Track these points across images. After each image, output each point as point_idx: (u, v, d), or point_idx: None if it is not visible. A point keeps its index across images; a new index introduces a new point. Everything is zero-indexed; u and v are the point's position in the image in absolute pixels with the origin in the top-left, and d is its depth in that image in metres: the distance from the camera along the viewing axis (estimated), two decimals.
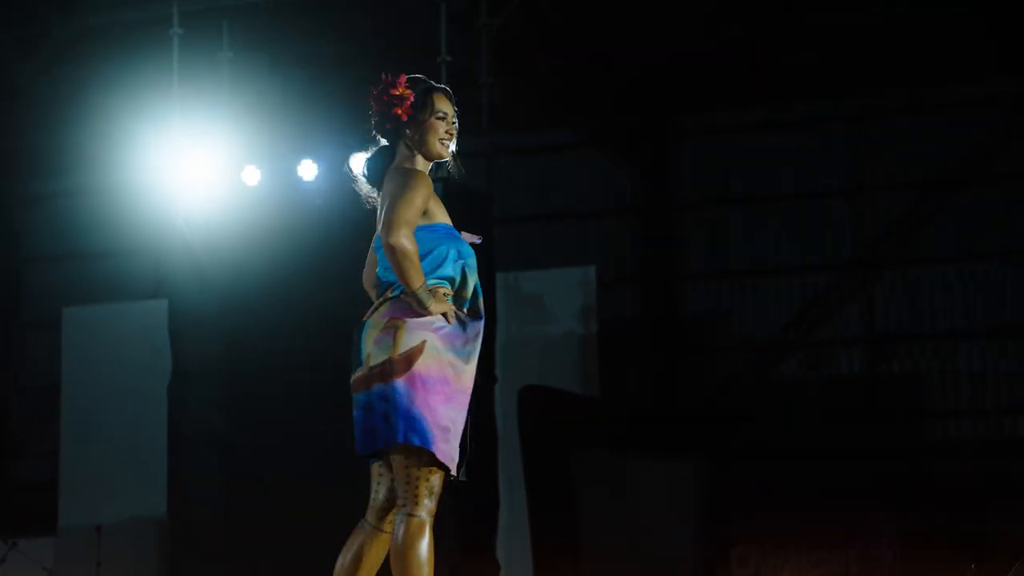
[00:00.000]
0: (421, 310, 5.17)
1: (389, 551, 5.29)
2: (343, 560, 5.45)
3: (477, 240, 5.51)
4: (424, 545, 5.21)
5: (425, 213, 5.30)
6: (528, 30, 15.36)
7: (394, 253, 5.13)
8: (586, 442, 13.86)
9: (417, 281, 5.16)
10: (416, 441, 5.15)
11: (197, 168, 12.69)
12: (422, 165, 5.45)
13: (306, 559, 11.03)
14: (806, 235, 17.07)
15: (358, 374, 5.28)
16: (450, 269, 5.31)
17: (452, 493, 11.82)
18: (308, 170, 12.16)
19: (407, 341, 5.18)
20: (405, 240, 5.14)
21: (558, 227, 17.65)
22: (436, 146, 5.45)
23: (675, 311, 17.42)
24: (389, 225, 5.15)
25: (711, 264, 17.50)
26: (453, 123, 5.50)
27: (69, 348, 16.32)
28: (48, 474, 16.70)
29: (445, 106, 5.49)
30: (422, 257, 5.24)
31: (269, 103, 12.68)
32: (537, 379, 14.42)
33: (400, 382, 5.15)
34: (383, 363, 5.18)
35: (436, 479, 5.25)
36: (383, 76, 5.44)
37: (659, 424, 15.84)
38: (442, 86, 5.62)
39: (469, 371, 5.34)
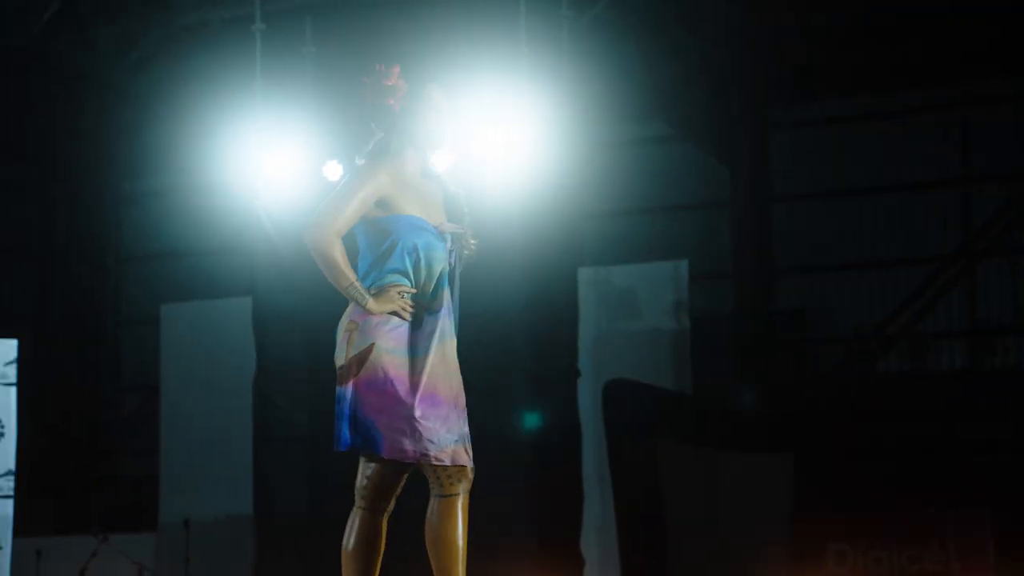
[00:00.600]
0: (362, 308, 5.19)
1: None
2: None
3: (458, 231, 5.44)
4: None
5: (385, 204, 5.27)
6: (618, 21, 15.25)
7: (312, 253, 5.20)
8: (675, 436, 13.68)
9: (343, 280, 5.20)
10: (368, 449, 5.26)
11: (280, 164, 12.67)
12: (410, 156, 5.40)
13: (389, 555, 10.96)
14: (906, 227, 16.78)
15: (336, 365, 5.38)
16: (399, 261, 5.27)
17: (535, 489, 11.83)
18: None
19: (357, 345, 5.25)
20: (319, 241, 5.18)
21: (650, 221, 17.49)
22: (429, 135, 5.41)
23: (772, 305, 17.18)
24: (310, 222, 5.22)
25: (809, 258, 17.24)
26: (447, 113, 5.46)
27: (166, 345, 16.49)
28: (152, 470, 16.87)
29: (439, 97, 5.46)
30: (374, 249, 5.29)
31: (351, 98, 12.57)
32: (628, 374, 14.27)
33: (348, 388, 5.25)
34: (340, 367, 5.28)
35: (372, 468, 5.33)
36: (377, 66, 5.40)
37: (753, 420, 15.61)
38: (436, 76, 5.58)
39: (432, 363, 5.29)
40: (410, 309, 5.22)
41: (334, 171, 12.25)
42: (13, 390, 12.24)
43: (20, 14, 14.47)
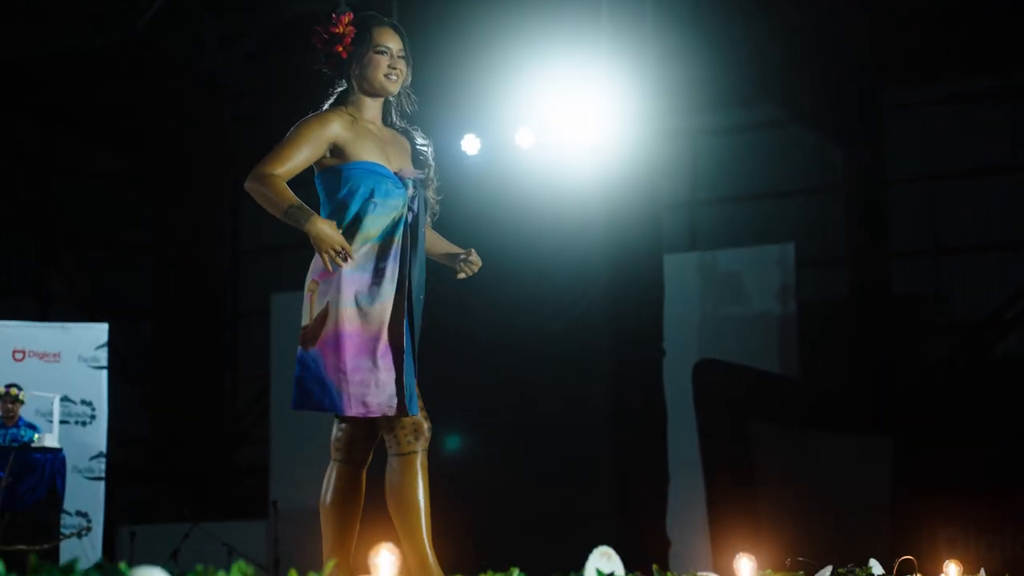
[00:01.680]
0: (303, 230, 5.08)
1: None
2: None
3: (419, 175, 5.40)
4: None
5: (339, 152, 5.26)
6: (723, 3, 15.13)
7: (259, 182, 5.16)
8: (768, 416, 13.48)
9: (283, 204, 5.11)
10: (327, 407, 5.20)
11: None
12: (368, 106, 5.39)
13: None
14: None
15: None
16: (355, 206, 5.23)
17: (621, 470, 11.75)
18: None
19: (316, 306, 5.22)
20: (250, 182, 5.18)
21: (760, 207, 17.30)
22: (378, 80, 5.38)
23: (885, 290, 16.88)
24: (265, 158, 5.21)
25: (924, 241, 16.90)
26: (399, 57, 5.40)
27: (277, 334, 16.63)
28: (266, 459, 17.07)
29: (388, 40, 5.39)
30: (332, 198, 5.26)
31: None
32: (734, 358, 14.12)
33: (312, 350, 5.21)
34: (303, 328, 5.26)
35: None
36: (332, 15, 5.39)
37: (855, 402, 15.35)
38: (388, 20, 5.53)
39: (378, 311, 5.24)
40: (338, 261, 5.11)
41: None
42: (104, 373, 12.43)
43: (125, 11, 14.71)
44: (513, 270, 11.53)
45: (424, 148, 5.51)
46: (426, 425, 5.28)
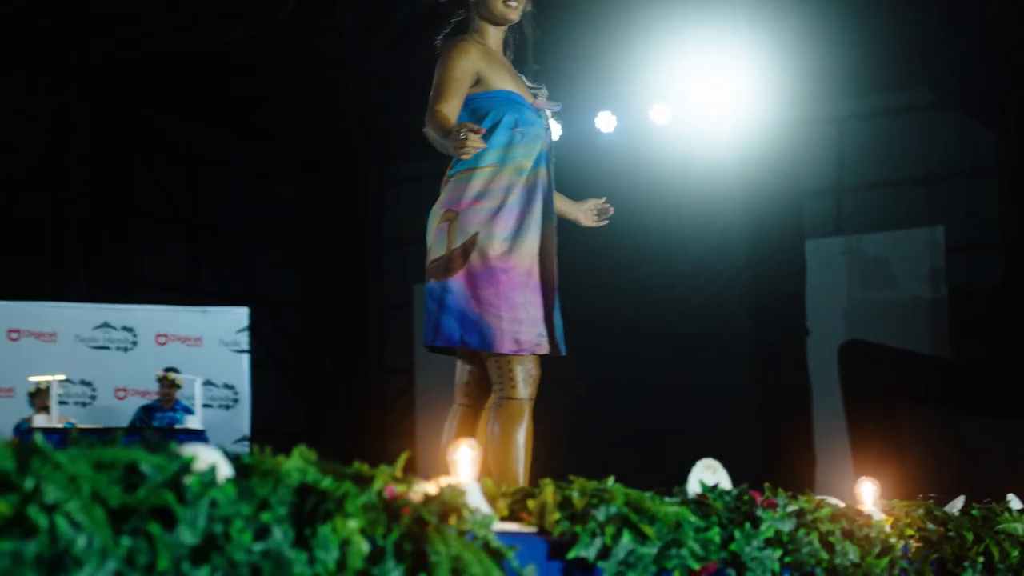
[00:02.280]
0: (452, 152, 4.81)
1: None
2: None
3: (556, 107, 5.27)
4: (522, 431, 5.02)
5: (478, 81, 5.11)
6: None
7: (428, 121, 4.97)
8: (917, 398, 13.18)
9: (445, 130, 4.83)
10: (474, 344, 4.99)
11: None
12: (491, 34, 5.26)
13: None
14: None
15: (426, 264, 5.17)
16: (501, 137, 5.04)
17: (764, 449, 11.56)
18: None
19: (461, 234, 5.00)
20: (426, 127, 4.98)
21: (910, 192, 16.89)
22: (499, 8, 5.26)
23: None
24: (431, 98, 5.04)
25: None
26: None
27: (419, 327, 16.63)
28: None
29: None
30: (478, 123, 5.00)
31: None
32: (883, 341, 13.86)
33: (454, 281, 4.98)
34: (439, 259, 5.03)
35: (529, 363, 5.04)
36: None
37: (1008, 385, 14.92)
38: None
39: (529, 245, 5.06)
40: (472, 143, 4.70)
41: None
42: (246, 357, 12.54)
43: (267, 3, 14.82)
44: (650, 247, 11.43)
45: (534, 90, 5.39)
46: (537, 373, 5.13)
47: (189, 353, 12.30)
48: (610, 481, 3.11)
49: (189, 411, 11.26)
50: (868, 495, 3.81)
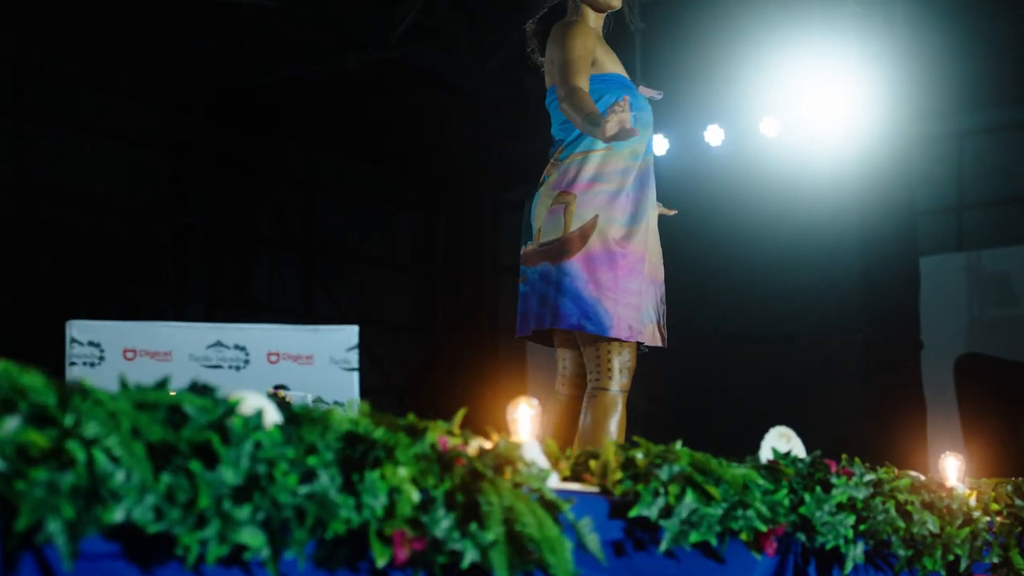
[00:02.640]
0: (599, 135, 4.67)
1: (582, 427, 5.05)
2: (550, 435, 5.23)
3: (657, 96, 5.23)
4: (615, 422, 4.95)
5: (594, 63, 5.06)
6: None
7: (568, 98, 4.86)
8: None
9: (585, 110, 4.76)
10: (590, 328, 4.91)
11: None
12: (592, 19, 5.23)
13: None
14: None
15: (528, 248, 5.11)
16: None
17: (878, 462, 11.38)
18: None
19: (579, 216, 4.95)
20: (574, 84, 4.90)
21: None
22: (575, 7, 5.26)
23: None
24: (562, 75, 4.97)
25: None
26: None
27: (533, 351, 16.64)
28: None
29: None
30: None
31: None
32: (1005, 356, 13.63)
33: (571, 263, 4.92)
34: (554, 242, 4.95)
35: (627, 353, 4.98)
36: None
37: None
38: None
39: (642, 232, 5.03)
40: (628, 124, 4.60)
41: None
42: (355, 375, 12.56)
43: (379, 28, 14.93)
44: (761, 260, 11.34)
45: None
46: (633, 364, 5.06)
47: (300, 371, 12.35)
48: (678, 444, 3.05)
49: None
50: (952, 470, 3.71)
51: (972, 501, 3.55)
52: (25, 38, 15.12)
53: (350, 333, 12.50)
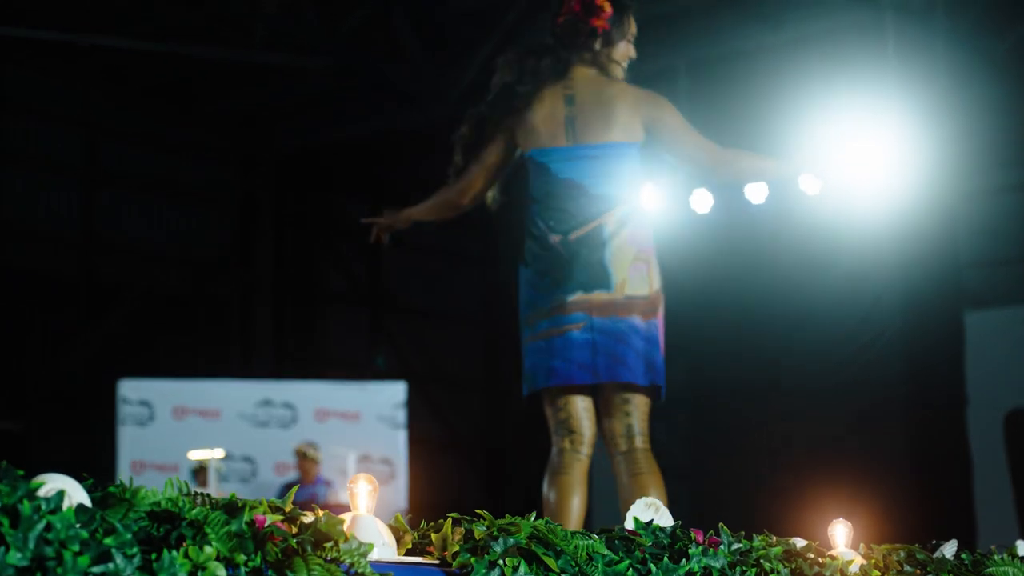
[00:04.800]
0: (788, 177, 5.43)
1: (634, 484, 5.15)
2: (574, 498, 5.30)
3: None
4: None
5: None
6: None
7: (737, 159, 5.32)
8: None
9: (772, 168, 5.45)
10: (663, 390, 5.23)
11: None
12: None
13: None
14: None
15: (606, 296, 5.17)
16: None
17: (922, 522, 11.28)
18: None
19: (657, 279, 5.22)
20: (743, 160, 5.45)
21: None
22: (621, 69, 5.36)
23: None
24: (706, 141, 5.27)
25: None
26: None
27: None
28: None
29: (635, 29, 5.41)
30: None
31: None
32: None
33: (656, 323, 5.17)
34: (644, 298, 5.11)
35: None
36: None
37: None
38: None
39: None
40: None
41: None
42: (402, 432, 12.69)
43: (440, 87, 15.05)
44: (799, 315, 11.32)
45: None
46: None
47: (347, 428, 12.52)
48: (532, 516, 3.10)
49: (330, 485, 11.45)
50: (841, 536, 3.72)
51: (854, 568, 3.55)
52: (94, 96, 15.45)
53: (397, 390, 12.66)
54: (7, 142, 14.88)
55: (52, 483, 2.57)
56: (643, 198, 5.15)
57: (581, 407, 5.30)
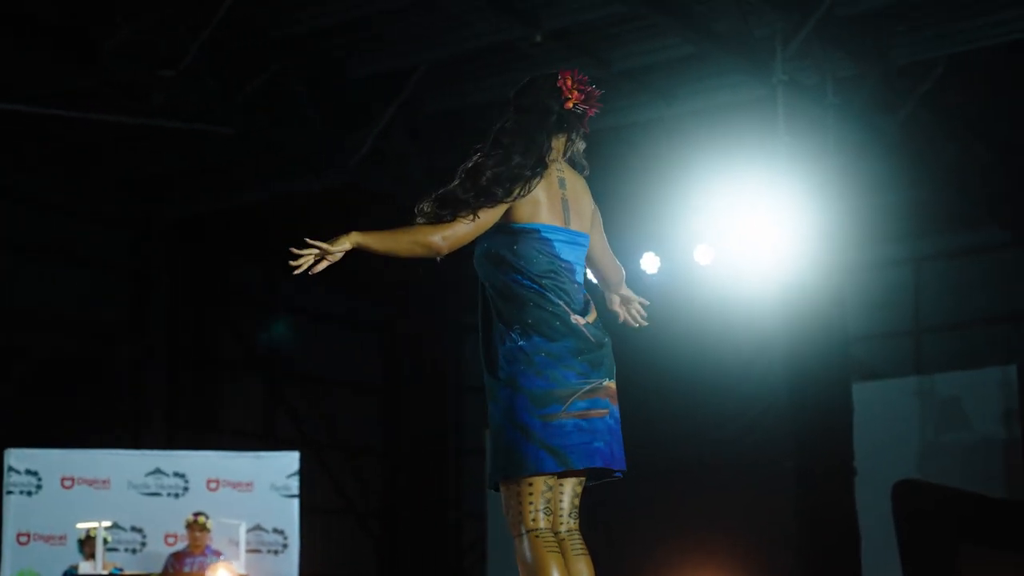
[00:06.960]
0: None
1: (579, 562, 5.12)
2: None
3: None
4: None
5: None
6: (936, 126, 14.67)
7: None
8: (981, 541, 12.85)
9: None
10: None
11: None
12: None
13: None
14: None
15: (614, 386, 5.22)
16: None
17: None
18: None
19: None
20: None
21: (989, 330, 16.61)
22: (579, 154, 5.41)
23: None
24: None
25: None
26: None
27: None
28: None
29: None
30: None
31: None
32: (957, 484, 13.63)
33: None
34: (615, 383, 5.14)
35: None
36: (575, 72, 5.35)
37: None
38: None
39: None
40: None
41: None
42: (295, 502, 12.60)
43: (338, 153, 15.03)
44: (692, 387, 11.41)
45: None
46: None
47: (240, 498, 12.40)
48: None
49: (219, 555, 11.33)
50: None
51: None
52: None
53: (291, 459, 12.57)
54: None
55: None
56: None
57: (561, 490, 5.33)
